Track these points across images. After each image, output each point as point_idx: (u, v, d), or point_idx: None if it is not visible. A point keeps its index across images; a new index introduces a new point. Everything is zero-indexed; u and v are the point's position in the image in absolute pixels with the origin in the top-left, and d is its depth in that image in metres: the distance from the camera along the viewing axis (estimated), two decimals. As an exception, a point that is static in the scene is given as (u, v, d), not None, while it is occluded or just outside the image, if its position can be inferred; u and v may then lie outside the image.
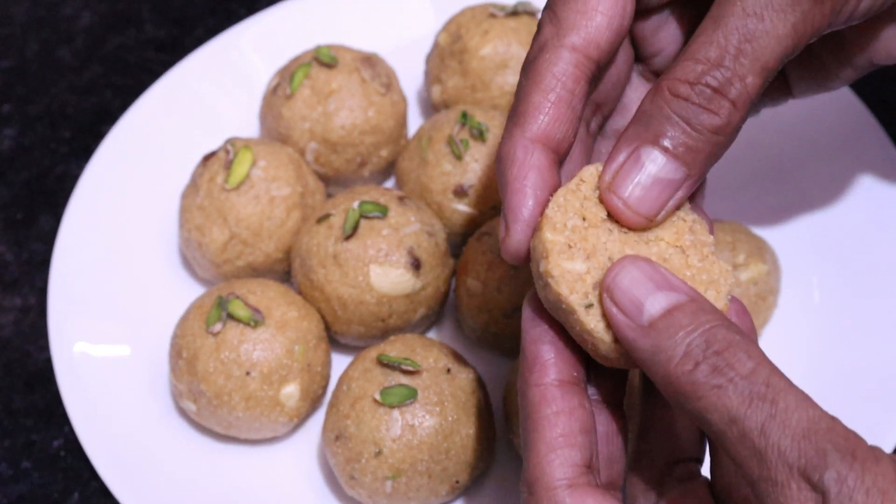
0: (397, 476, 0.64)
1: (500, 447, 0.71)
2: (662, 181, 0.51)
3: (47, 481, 0.72)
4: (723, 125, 0.50)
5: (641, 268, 0.48)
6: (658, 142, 0.50)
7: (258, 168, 0.74)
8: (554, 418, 0.49)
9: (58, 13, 0.97)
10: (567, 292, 0.49)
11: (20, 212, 0.86)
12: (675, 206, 0.52)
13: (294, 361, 0.69)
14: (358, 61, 0.79)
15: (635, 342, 0.47)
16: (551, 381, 0.50)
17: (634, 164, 0.51)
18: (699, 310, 0.46)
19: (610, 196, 0.51)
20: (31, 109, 0.91)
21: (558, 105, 0.52)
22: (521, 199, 0.51)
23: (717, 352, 0.45)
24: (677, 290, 0.47)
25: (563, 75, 0.52)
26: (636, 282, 0.48)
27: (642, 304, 0.47)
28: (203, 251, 0.75)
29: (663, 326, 0.46)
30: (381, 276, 0.70)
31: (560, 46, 0.52)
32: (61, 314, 0.75)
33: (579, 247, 0.49)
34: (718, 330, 0.45)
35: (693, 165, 0.51)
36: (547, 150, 0.52)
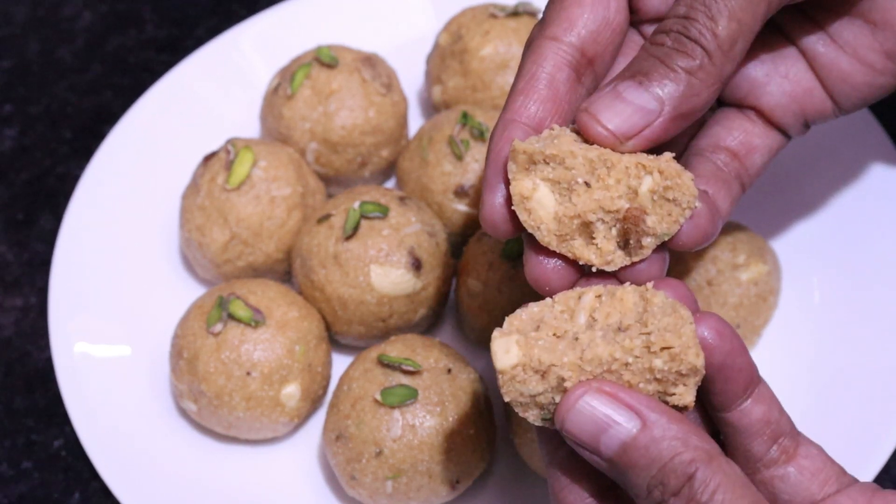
0: (398, 476, 0.64)
1: (501, 447, 0.71)
2: (634, 105, 0.52)
3: (48, 481, 0.72)
4: (696, 67, 0.52)
5: (591, 401, 0.48)
6: (635, 76, 0.53)
7: (259, 168, 0.74)
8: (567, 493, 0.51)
9: (58, 13, 0.97)
10: (521, 412, 0.49)
11: (21, 212, 0.86)
12: (646, 139, 0.52)
13: (295, 362, 0.69)
14: (358, 61, 0.79)
15: (604, 471, 0.48)
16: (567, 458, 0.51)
17: (611, 91, 0.52)
18: (652, 441, 0.47)
19: (582, 113, 0.52)
20: (31, 109, 0.91)
21: (533, 87, 0.54)
22: (495, 171, 0.53)
23: (673, 493, 0.46)
24: (631, 418, 0.47)
25: (541, 61, 0.55)
26: (587, 420, 0.48)
27: (598, 443, 0.48)
28: (204, 251, 0.75)
29: (622, 465, 0.47)
30: (381, 277, 0.70)
31: (540, 37, 0.55)
32: (62, 314, 0.75)
33: (532, 368, 0.48)
34: (673, 465, 0.46)
35: (667, 102, 0.52)
36: (522, 126, 0.54)
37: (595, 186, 0.51)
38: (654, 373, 0.48)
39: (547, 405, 0.49)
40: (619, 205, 0.51)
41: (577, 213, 0.51)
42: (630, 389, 0.48)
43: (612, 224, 0.52)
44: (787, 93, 0.61)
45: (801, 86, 0.61)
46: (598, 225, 0.52)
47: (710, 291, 0.73)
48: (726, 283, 0.73)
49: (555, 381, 0.48)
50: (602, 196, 0.51)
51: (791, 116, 0.62)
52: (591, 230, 0.52)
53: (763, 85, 0.61)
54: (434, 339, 0.70)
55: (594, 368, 0.48)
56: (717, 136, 0.61)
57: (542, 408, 0.49)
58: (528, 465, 0.69)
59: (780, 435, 0.52)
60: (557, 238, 0.52)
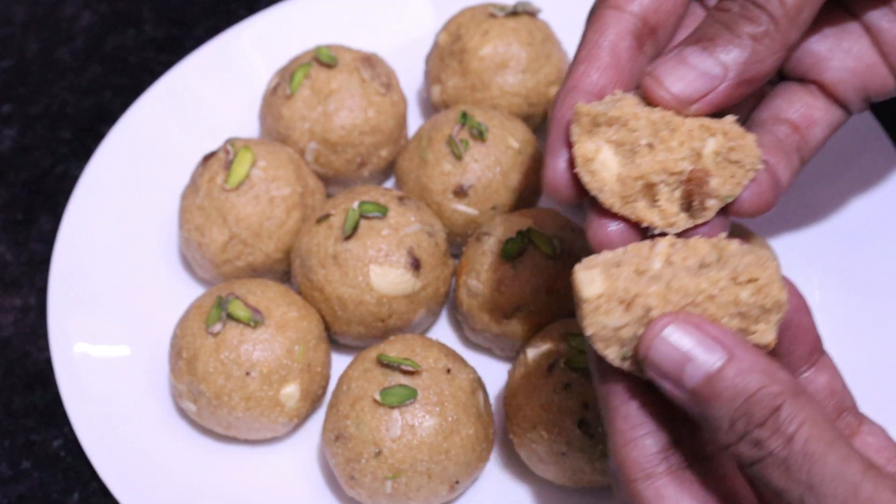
0: (397, 476, 0.64)
1: (500, 447, 0.71)
2: (698, 70, 0.52)
3: (47, 481, 0.72)
4: (761, 33, 0.53)
5: (677, 331, 0.47)
6: (700, 42, 0.53)
7: (258, 168, 0.74)
8: (625, 409, 0.49)
9: (58, 13, 0.97)
10: (601, 348, 0.48)
11: (20, 212, 0.86)
12: (709, 104, 0.52)
13: (294, 362, 0.69)
14: (358, 61, 0.79)
15: (682, 404, 0.48)
16: (619, 372, 0.50)
17: (676, 56, 0.53)
18: (738, 373, 0.46)
19: (646, 77, 0.53)
20: (31, 109, 0.91)
21: (595, 55, 0.55)
22: (557, 136, 0.53)
23: (757, 425, 0.45)
24: (716, 350, 0.47)
25: (603, 30, 0.55)
26: (672, 350, 0.47)
27: (681, 373, 0.47)
28: (203, 251, 0.75)
29: (705, 396, 0.46)
30: (380, 277, 0.70)
31: (603, 7, 0.56)
32: (61, 314, 0.75)
33: (617, 296, 0.47)
34: (759, 397, 0.46)
35: (731, 68, 0.53)
36: (584, 93, 0.54)
37: (658, 148, 0.51)
38: (739, 306, 0.47)
39: (628, 340, 0.48)
40: (682, 166, 0.51)
41: (641, 175, 0.51)
42: (716, 323, 0.47)
43: (676, 186, 0.52)
44: (849, 68, 0.61)
45: (864, 62, 0.61)
46: (661, 187, 0.52)
47: (709, 291, 0.73)
48: (726, 283, 0.72)
49: (639, 313, 0.48)
50: (665, 158, 0.51)
51: (853, 92, 0.61)
52: (654, 192, 0.52)
53: (826, 59, 0.61)
54: (433, 339, 0.70)
55: (680, 299, 0.47)
56: (778, 109, 0.61)
57: (623, 344, 0.48)
58: (527, 465, 0.69)
59: (844, 409, 0.52)
60: (620, 200, 0.52)
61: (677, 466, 0.49)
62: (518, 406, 0.67)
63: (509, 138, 0.76)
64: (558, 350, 0.66)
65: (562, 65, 0.83)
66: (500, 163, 0.75)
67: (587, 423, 0.64)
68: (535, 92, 0.81)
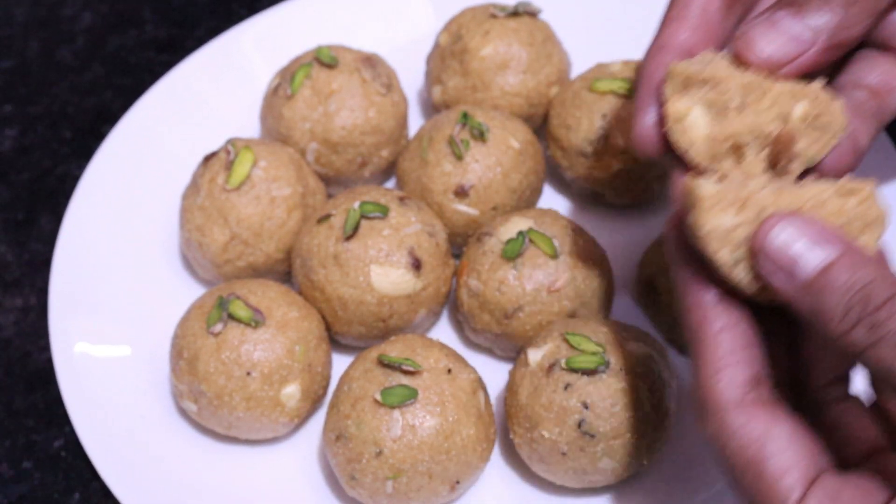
0: (398, 476, 0.64)
1: (501, 447, 0.71)
2: (789, 34, 0.54)
3: (48, 481, 0.72)
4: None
5: (792, 225, 0.49)
6: (791, 6, 0.54)
7: (259, 168, 0.74)
8: (715, 338, 0.50)
9: (59, 13, 0.98)
10: (715, 249, 0.49)
11: (21, 212, 0.86)
12: (799, 68, 0.54)
13: (295, 362, 0.69)
14: (359, 61, 0.79)
15: (792, 301, 0.48)
16: (708, 300, 0.50)
17: (767, 20, 0.54)
18: (854, 265, 0.47)
19: (737, 40, 0.54)
20: (32, 110, 0.91)
21: (685, 15, 0.56)
22: (647, 92, 0.55)
23: (875, 308, 0.46)
24: (831, 244, 0.48)
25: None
26: (787, 241, 0.48)
27: (795, 265, 0.48)
28: (204, 251, 0.75)
29: (819, 287, 0.47)
30: (381, 277, 0.70)
31: None
32: (62, 314, 0.75)
33: (730, 198, 0.49)
34: (875, 285, 0.46)
35: (821, 33, 0.54)
36: (673, 52, 0.56)
37: (748, 110, 0.53)
38: (844, 215, 0.49)
39: (740, 242, 0.49)
40: (770, 128, 0.53)
41: (730, 135, 0.53)
42: (828, 223, 0.49)
43: (762, 147, 0.53)
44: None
45: None
46: (748, 147, 0.53)
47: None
48: (726, 284, 0.72)
49: (752, 213, 0.49)
50: (755, 120, 0.53)
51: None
52: (740, 152, 0.53)
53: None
54: (434, 339, 0.70)
55: (790, 203, 0.49)
56: (858, 74, 0.61)
57: (735, 247, 0.49)
58: (528, 465, 0.69)
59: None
60: (708, 159, 0.54)
61: (766, 398, 0.49)
62: (519, 406, 0.66)
63: (510, 138, 0.76)
64: (559, 350, 0.66)
65: (562, 65, 0.83)
66: (501, 163, 0.75)
67: (588, 423, 0.64)
68: (536, 92, 0.81)
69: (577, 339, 0.65)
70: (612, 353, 0.65)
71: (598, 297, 0.72)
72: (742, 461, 0.49)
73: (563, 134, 0.79)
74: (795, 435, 0.49)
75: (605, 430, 0.64)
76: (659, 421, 0.65)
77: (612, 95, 0.77)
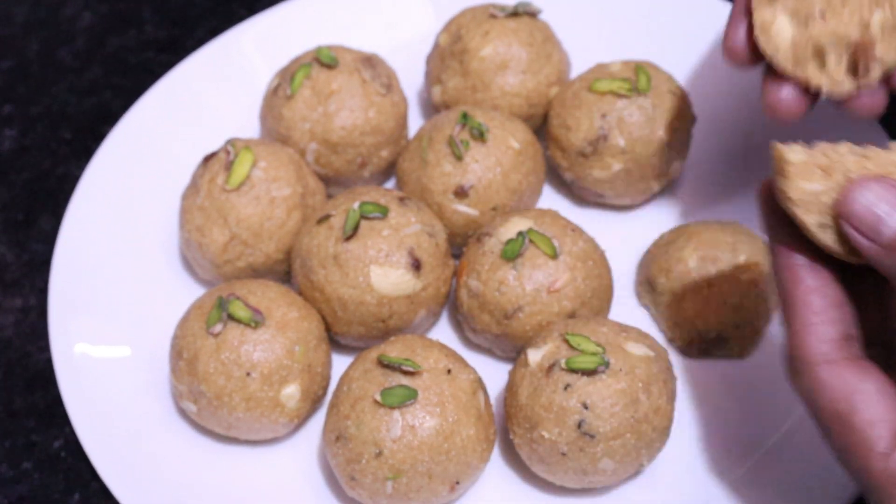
0: (398, 477, 0.64)
1: (501, 448, 0.71)
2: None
3: (48, 482, 0.72)
4: None
5: (876, 188, 0.51)
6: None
7: (259, 169, 0.74)
8: (805, 297, 0.53)
9: (58, 14, 0.97)
10: (804, 213, 0.52)
11: (21, 212, 0.85)
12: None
13: (294, 362, 0.69)
14: (358, 62, 0.79)
15: (876, 261, 0.50)
16: (799, 261, 0.53)
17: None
18: None
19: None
20: (31, 110, 0.91)
21: None
22: (739, 8, 0.61)
23: None
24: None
25: None
26: (871, 203, 0.50)
27: (879, 226, 0.50)
28: (203, 252, 0.75)
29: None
30: (381, 277, 0.70)
31: None
32: (62, 315, 0.75)
33: (817, 164, 0.52)
34: None
35: None
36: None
37: (830, 17, 0.58)
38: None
39: (827, 207, 0.52)
40: (851, 33, 0.58)
41: (813, 40, 0.58)
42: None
43: (843, 52, 0.58)
44: None
45: None
46: (830, 52, 0.58)
47: (710, 292, 0.73)
48: (727, 284, 0.72)
49: (839, 178, 0.52)
50: (836, 25, 0.59)
51: None
52: (823, 57, 0.59)
53: None
54: (434, 339, 0.70)
55: (875, 168, 0.52)
56: None
57: (822, 212, 0.52)
58: (528, 465, 0.68)
59: None
60: (793, 63, 0.59)
61: (855, 355, 0.52)
62: (518, 407, 0.66)
63: (510, 139, 0.76)
64: (559, 351, 0.66)
65: (562, 65, 0.83)
66: (501, 163, 0.75)
67: (587, 423, 0.64)
68: (536, 92, 0.81)
69: (577, 339, 0.65)
70: (612, 353, 0.65)
71: (598, 297, 0.72)
72: (832, 413, 0.51)
73: (563, 134, 0.79)
74: (884, 390, 0.51)
75: (605, 430, 0.64)
76: (658, 422, 0.65)
77: (612, 95, 0.77)
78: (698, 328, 0.73)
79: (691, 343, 0.74)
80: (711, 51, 0.87)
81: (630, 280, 0.78)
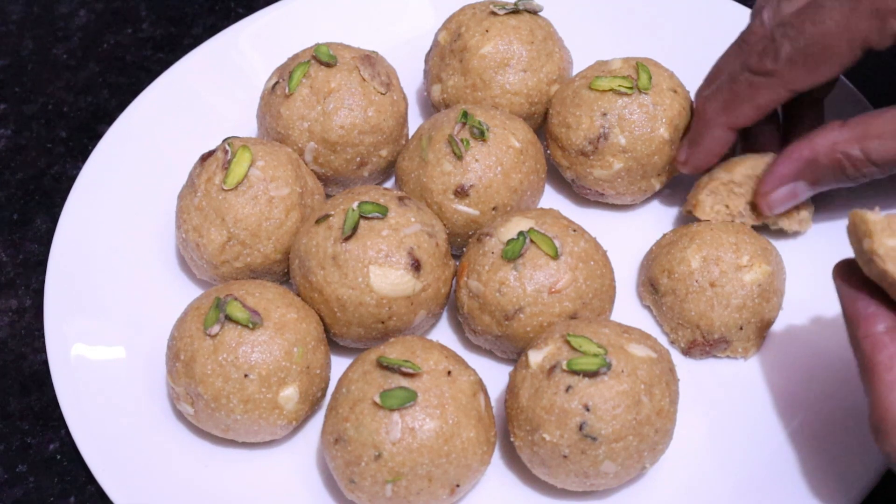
0: (397, 480, 0.64)
1: (502, 450, 0.71)
2: None
3: (43, 485, 0.72)
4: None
5: None
6: None
7: (256, 168, 0.74)
8: (889, 362, 0.55)
9: (54, 11, 0.97)
10: (894, 268, 0.55)
11: (15, 212, 0.85)
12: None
13: (293, 363, 0.68)
14: (357, 60, 0.79)
15: None
16: (879, 330, 0.57)
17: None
18: None
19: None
20: (26, 109, 0.91)
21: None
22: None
23: None
24: None
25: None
26: None
27: None
28: (201, 252, 0.74)
29: None
30: (380, 278, 0.70)
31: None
32: (57, 316, 0.75)
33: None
34: None
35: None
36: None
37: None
38: None
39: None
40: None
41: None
42: None
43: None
44: None
45: None
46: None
47: (713, 293, 0.72)
48: (729, 285, 0.72)
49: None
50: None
51: None
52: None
53: None
54: (434, 340, 0.70)
55: None
56: None
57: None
58: (529, 468, 0.68)
59: None
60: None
61: None
62: (519, 408, 0.66)
63: (511, 137, 0.76)
64: (560, 352, 0.65)
65: (563, 63, 0.82)
66: (502, 162, 0.75)
67: (589, 425, 0.63)
68: (537, 90, 0.80)
69: (579, 340, 0.65)
70: (613, 354, 0.65)
71: (600, 297, 0.71)
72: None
73: (563, 133, 0.78)
74: None
75: (607, 432, 0.63)
76: (661, 423, 0.65)
77: (613, 93, 0.77)
78: (701, 329, 0.73)
79: (694, 344, 0.74)
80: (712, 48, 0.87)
81: (632, 280, 0.78)
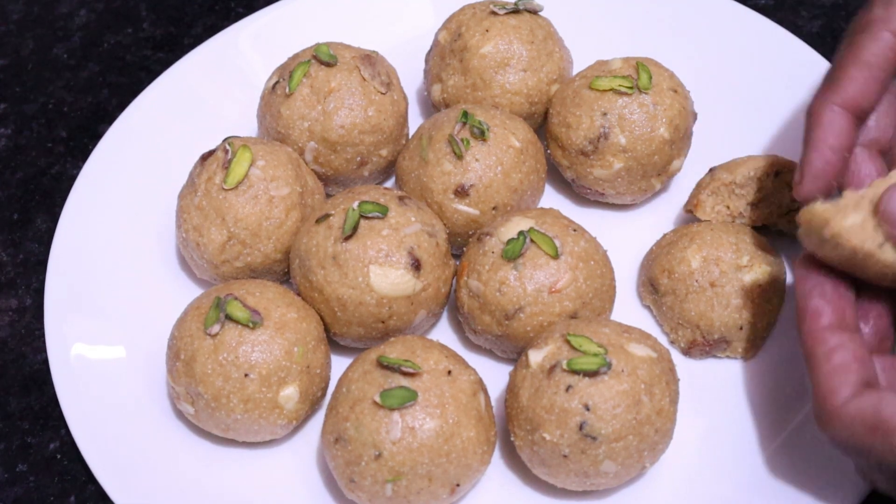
0: (397, 479, 0.64)
1: (502, 450, 0.71)
2: None
3: (43, 484, 0.72)
4: None
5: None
6: None
7: (257, 167, 0.74)
8: (827, 355, 0.57)
9: (54, 11, 0.97)
10: (859, 241, 0.57)
11: (16, 212, 0.85)
12: None
13: (293, 363, 0.68)
14: (358, 59, 0.79)
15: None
16: (822, 326, 0.58)
17: None
18: None
19: None
20: (27, 108, 0.91)
21: (869, 80, 0.62)
22: (819, 156, 0.62)
23: None
24: None
25: (880, 56, 0.62)
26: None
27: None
28: (201, 252, 0.74)
29: None
30: (380, 277, 0.70)
31: (884, 29, 0.62)
32: (58, 315, 0.75)
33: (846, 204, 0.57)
34: None
35: None
36: (849, 116, 0.62)
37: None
38: None
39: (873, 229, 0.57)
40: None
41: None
42: None
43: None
44: None
45: None
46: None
47: (713, 293, 0.72)
48: (730, 285, 0.72)
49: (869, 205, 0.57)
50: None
51: None
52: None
53: None
54: (434, 340, 0.70)
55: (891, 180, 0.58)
56: None
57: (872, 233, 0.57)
58: (529, 467, 0.68)
59: None
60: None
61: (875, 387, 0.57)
62: (520, 408, 0.66)
63: (511, 137, 0.76)
64: (560, 352, 0.65)
65: (564, 63, 0.82)
66: (502, 162, 0.75)
67: (589, 425, 0.63)
68: (537, 90, 0.80)
69: (579, 340, 0.65)
70: (614, 354, 0.65)
71: (600, 297, 0.71)
72: (863, 430, 0.55)
73: (563, 133, 0.78)
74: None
75: (607, 432, 0.63)
76: (661, 423, 0.64)
77: (613, 93, 0.77)
78: (701, 329, 0.73)
79: (694, 344, 0.73)
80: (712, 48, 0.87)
81: (632, 280, 0.78)
